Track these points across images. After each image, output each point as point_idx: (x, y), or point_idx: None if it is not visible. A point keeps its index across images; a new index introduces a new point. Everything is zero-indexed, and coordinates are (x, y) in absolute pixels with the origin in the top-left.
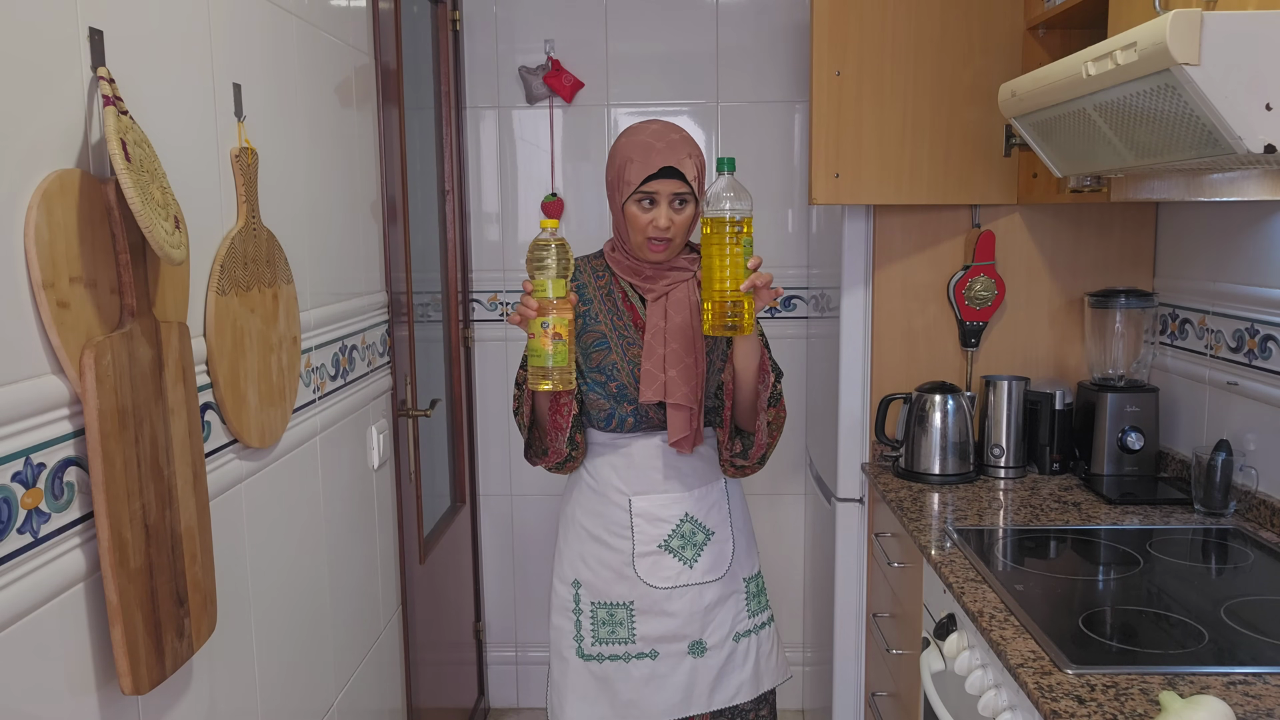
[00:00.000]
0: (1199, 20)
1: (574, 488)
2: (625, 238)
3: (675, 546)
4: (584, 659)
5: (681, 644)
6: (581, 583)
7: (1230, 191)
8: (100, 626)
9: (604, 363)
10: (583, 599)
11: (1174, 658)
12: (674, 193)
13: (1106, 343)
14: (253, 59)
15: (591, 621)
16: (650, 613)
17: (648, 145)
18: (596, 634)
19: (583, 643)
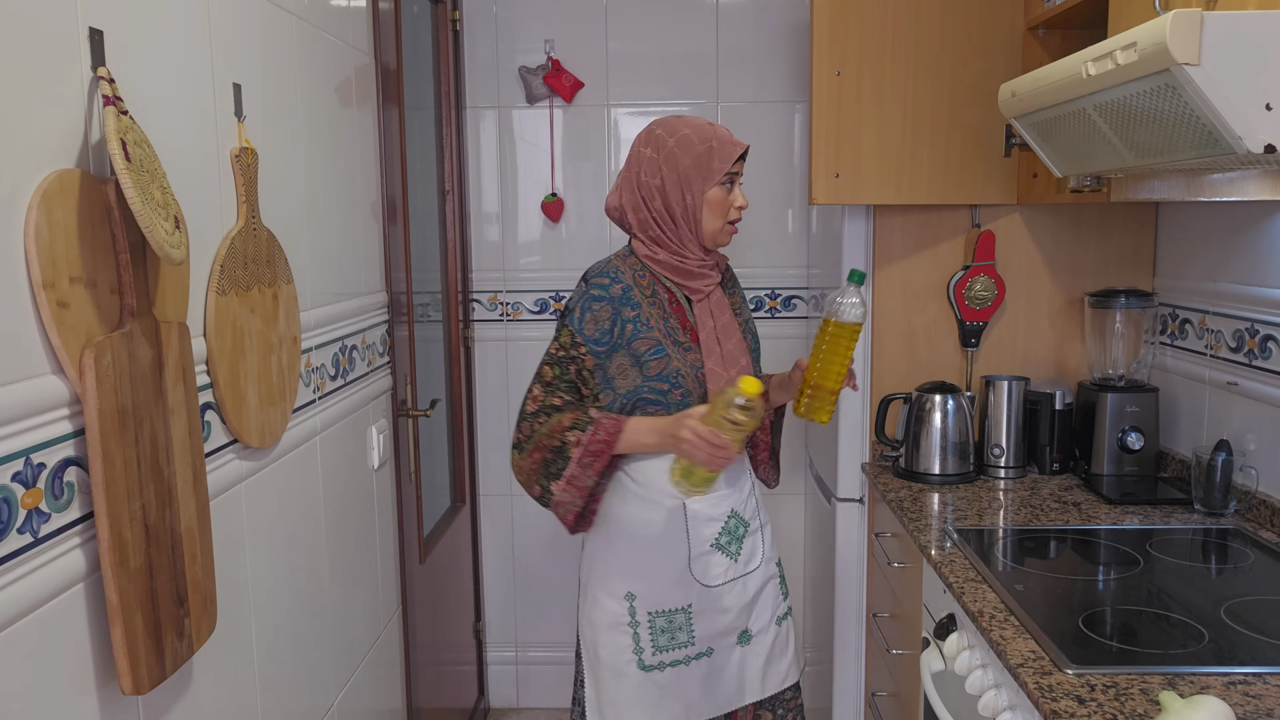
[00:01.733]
0: (1199, 20)
1: (617, 499)
2: (695, 230)
3: (723, 543)
4: (645, 670)
5: (732, 636)
6: (636, 594)
7: (1230, 191)
8: (100, 626)
9: (665, 370)
10: (638, 611)
11: (1174, 658)
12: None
13: (1106, 343)
14: (253, 59)
15: (650, 631)
16: (707, 612)
17: (713, 131)
18: (656, 643)
19: (643, 655)
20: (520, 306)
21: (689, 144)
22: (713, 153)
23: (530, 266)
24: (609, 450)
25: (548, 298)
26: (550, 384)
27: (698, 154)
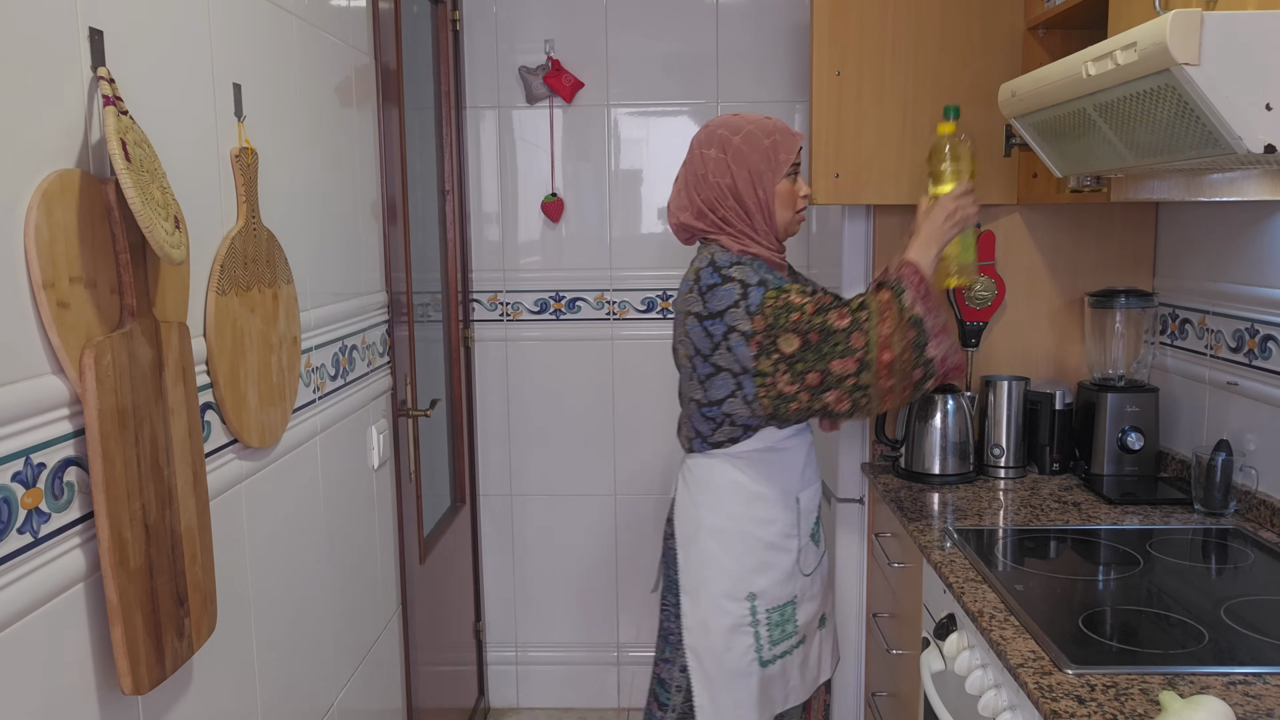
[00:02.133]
0: (1199, 20)
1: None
2: (769, 223)
3: (815, 533)
4: (764, 666)
5: (817, 620)
6: (758, 594)
7: (1230, 191)
8: (100, 626)
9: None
10: (759, 610)
11: (1174, 658)
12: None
13: (1106, 343)
14: (253, 59)
15: (768, 628)
16: (804, 600)
17: (773, 125)
18: (771, 637)
19: (762, 652)
20: (520, 306)
21: (754, 140)
22: (777, 146)
23: (530, 266)
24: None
25: (548, 298)
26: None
27: (764, 149)
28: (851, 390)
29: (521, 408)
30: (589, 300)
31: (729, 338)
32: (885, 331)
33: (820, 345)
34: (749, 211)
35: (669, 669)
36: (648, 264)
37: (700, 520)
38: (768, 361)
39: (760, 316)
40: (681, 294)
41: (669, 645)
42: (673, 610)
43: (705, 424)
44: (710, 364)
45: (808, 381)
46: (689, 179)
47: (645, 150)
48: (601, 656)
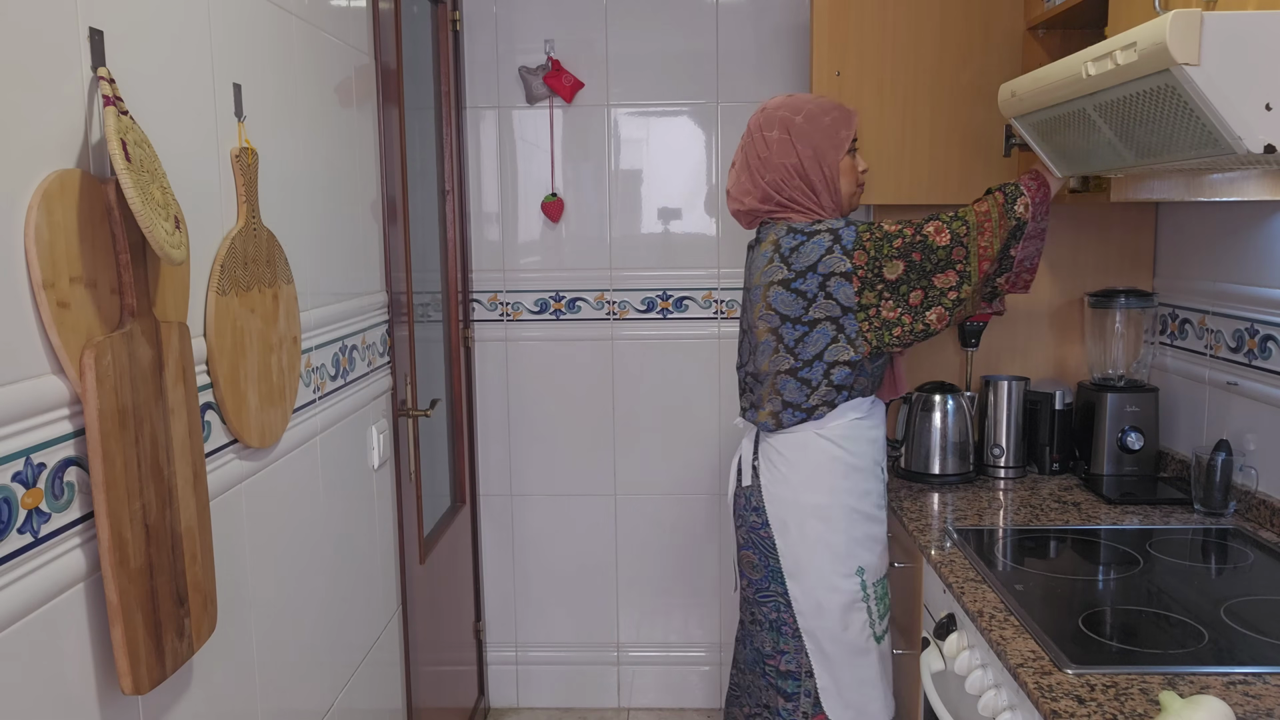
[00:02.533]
0: (1199, 20)
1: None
2: (835, 199)
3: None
4: (878, 641)
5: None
6: (865, 568)
7: (1230, 191)
8: (100, 626)
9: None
10: (868, 584)
11: (1174, 658)
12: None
13: (1106, 343)
14: (253, 59)
15: (875, 602)
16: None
17: (829, 102)
18: (879, 611)
19: (875, 627)
20: (520, 306)
21: (816, 118)
22: (838, 123)
23: (530, 266)
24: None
25: (548, 298)
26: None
27: (826, 126)
28: (952, 305)
29: (521, 408)
30: (589, 300)
31: (827, 285)
32: (984, 243)
33: (923, 264)
34: (815, 189)
35: (789, 659)
36: (648, 264)
37: (798, 500)
38: (871, 294)
39: (860, 251)
40: (758, 269)
41: (782, 636)
42: (779, 599)
43: (799, 390)
44: (803, 324)
45: (911, 301)
46: (750, 162)
47: (645, 150)
48: (601, 656)
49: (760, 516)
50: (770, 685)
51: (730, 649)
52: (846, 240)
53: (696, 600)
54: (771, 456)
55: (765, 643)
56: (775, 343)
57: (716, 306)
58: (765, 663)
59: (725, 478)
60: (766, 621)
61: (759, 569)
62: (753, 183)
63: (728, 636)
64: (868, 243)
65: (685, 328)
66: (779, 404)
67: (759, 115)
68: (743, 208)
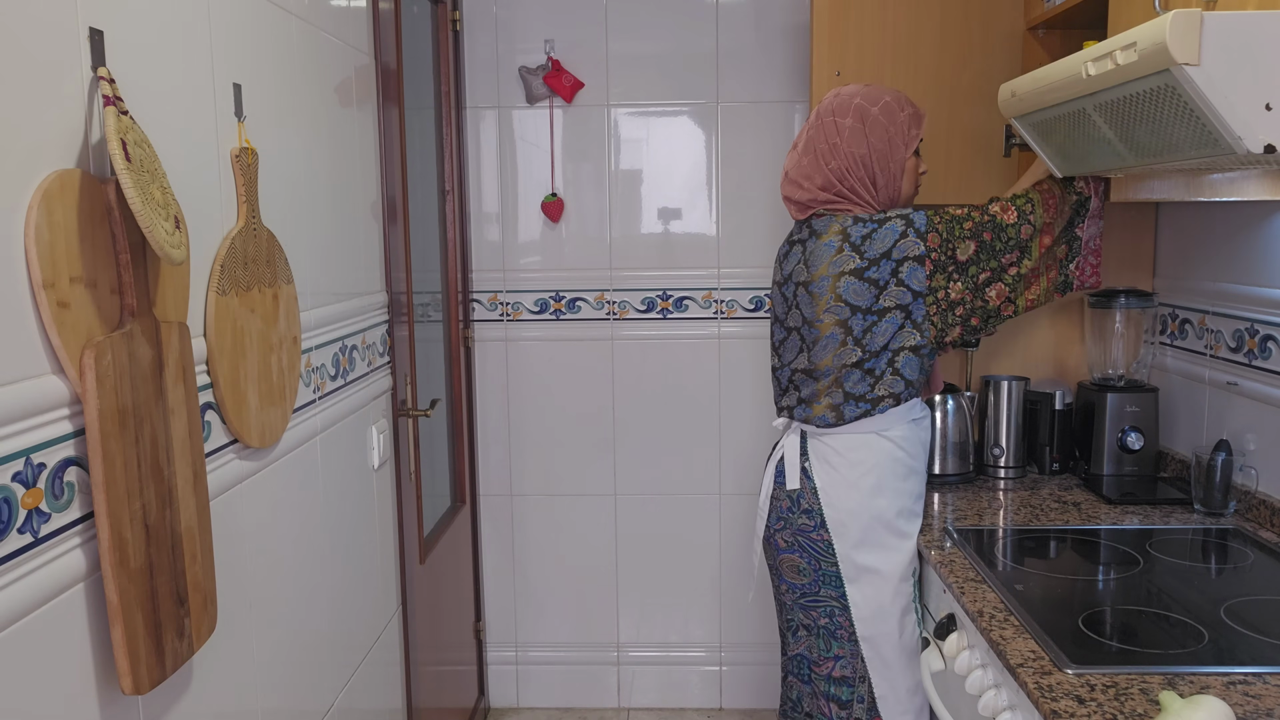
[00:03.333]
0: (1199, 20)
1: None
2: (893, 196)
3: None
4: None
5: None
6: (915, 570)
7: (1230, 191)
8: (100, 626)
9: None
10: (915, 587)
11: (1174, 658)
12: None
13: (1106, 343)
14: (253, 59)
15: (917, 604)
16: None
17: (904, 98)
18: (920, 615)
19: (922, 630)
20: (520, 306)
21: (892, 112)
22: (912, 120)
23: (530, 266)
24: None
25: (548, 298)
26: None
27: (900, 122)
28: (1012, 281)
29: (521, 408)
30: (589, 300)
31: (900, 270)
32: (1048, 217)
33: (994, 244)
34: (876, 184)
35: (844, 664)
36: (648, 264)
37: (864, 503)
38: (941, 276)
39: (934, 234)
40: (823, 260)
41: (837, 641)
42: (832, 604)
43: (863, 381)
44: (872, 314)
45: (979, 281)
46: (818, 147)
47: (645, 150)
48: (601, 656)
49: (813, 519)
50: (820, 693)
51: (730, 649)
52: (919, 224)
53: (696, 600)
54: (829, 458)
55: (813, 649)
56: (843, 335)
57: (716, 306)
58: (813, 670)
59: (725, 478)
60: (816, 627)
61: (806, 573)
62: (815, 167)
63: (728, 636)
64: (939, 225)
65: (685, 328)
66: (840, 396)
67: (832, 99)
68: (800, 193)
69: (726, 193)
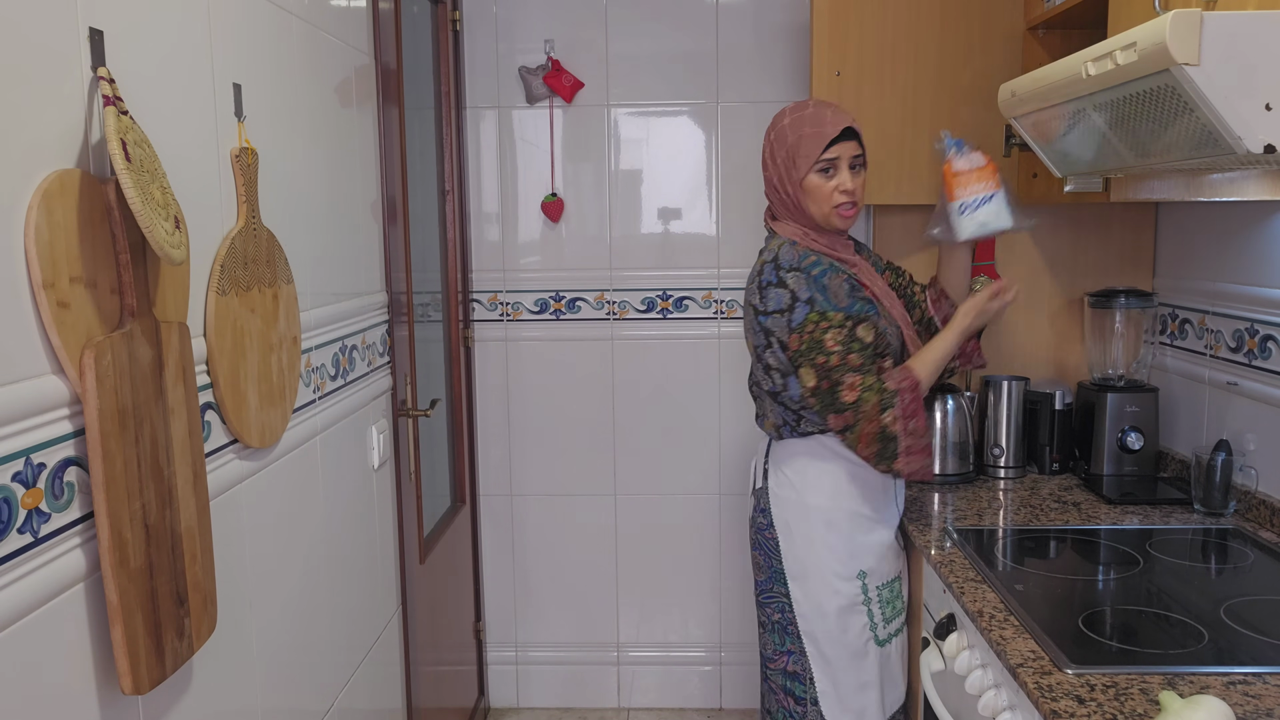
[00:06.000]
0: (1199, 20)
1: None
2: (807, 218)
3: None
4: (880, 645)
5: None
6: (868, 571)
7: (1230, 191)
8: (100, 626)
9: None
10: (869, 588)
11: (1174, 658)
12: (853, 156)
13: (1106, 343)
14: (253, 59)
15: (879, 605)
16: (904, 577)
17: (819, 115)
18: (885, 615)
19: (877, 630)
20: (520, 306)
21: (789, 131)
22: (807, 140)
23: (530, 266)
24: (921, 398)
25: (548, 298)
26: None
27: (791, 143)
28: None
29: (521, 408)
30: (589, 300)
31: (771, 340)
32: (868, 432)
33: (828, 395)
34: (787, 205)
35: (795, 660)
36: (648, 264)
37: (803, 503)
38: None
39: (797, 336)
40: (748, 284)
41: (789, 637)
42: (783, 600)
43: (787, 414)
44: (766, 359)
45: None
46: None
47: (645, 150)
48: (601, 656)
49: (766, 518)
50: (777, 688)
51: (730, 649)
52: (796, 318)
53: (696, 600)
54: (778, 459)
55: (768, 644)
56: (756, 360)
57: (716, 307)
58: (769, 665)
59: (725, 478)
60: (770, 623)
61: (764, 570)
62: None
63: (728, 636)
64: (806, 336)
65: (685, 328)
66: (777, 418)
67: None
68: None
69: (726, 193)
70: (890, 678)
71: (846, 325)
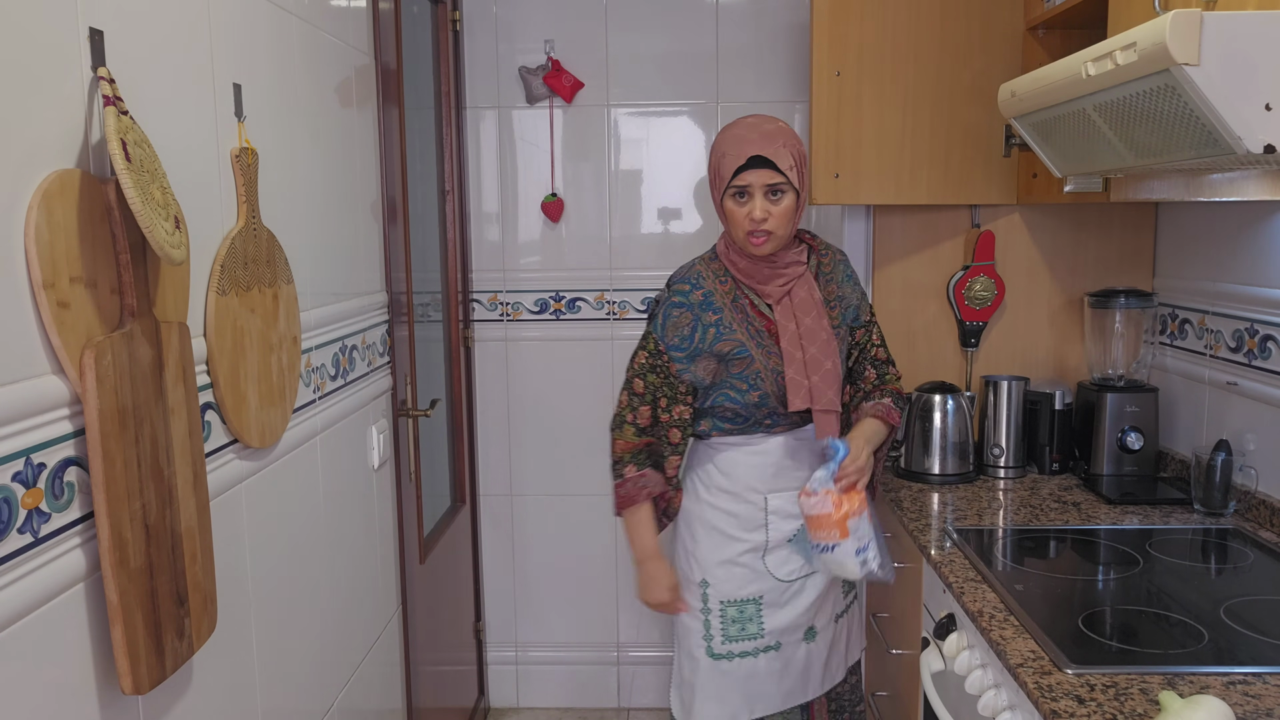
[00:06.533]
0: (1199, 20)
1: (701, 488)
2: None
3: (800, 539)
4: (714, 658)
5: (799, 632)
6: (710, 582)
7: (1230, 191)
8: (100, 626)
9: (747, 372)
10: (711, 599)
11: (1174, 658)
12: (767, 184)
13: (1106, 343)
14: (253, 59)
15: (721, 620)
16: (777, 605)
17: (740, 137)
18: (726, 632)
19: (712, 642)
20: (520, 306)
21: (716, 147)
22: (721, 162)
23: (530, 266)
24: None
25: (548, 298)
26: (638, 395)
27: (714, 160)
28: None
29: (521, 407)
30: (589, 300)
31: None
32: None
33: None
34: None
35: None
36: (648, 264)
37: (682, 504)
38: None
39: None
40: None
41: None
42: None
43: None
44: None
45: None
46: None
47: (645, 150)
48: (601, 656)
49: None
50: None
51: None
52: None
53: None
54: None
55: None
56: None
57: None
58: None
59: None
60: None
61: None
62: None
63: None
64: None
65: None
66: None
67: None
68: None
69: None
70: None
71: (653, 356)
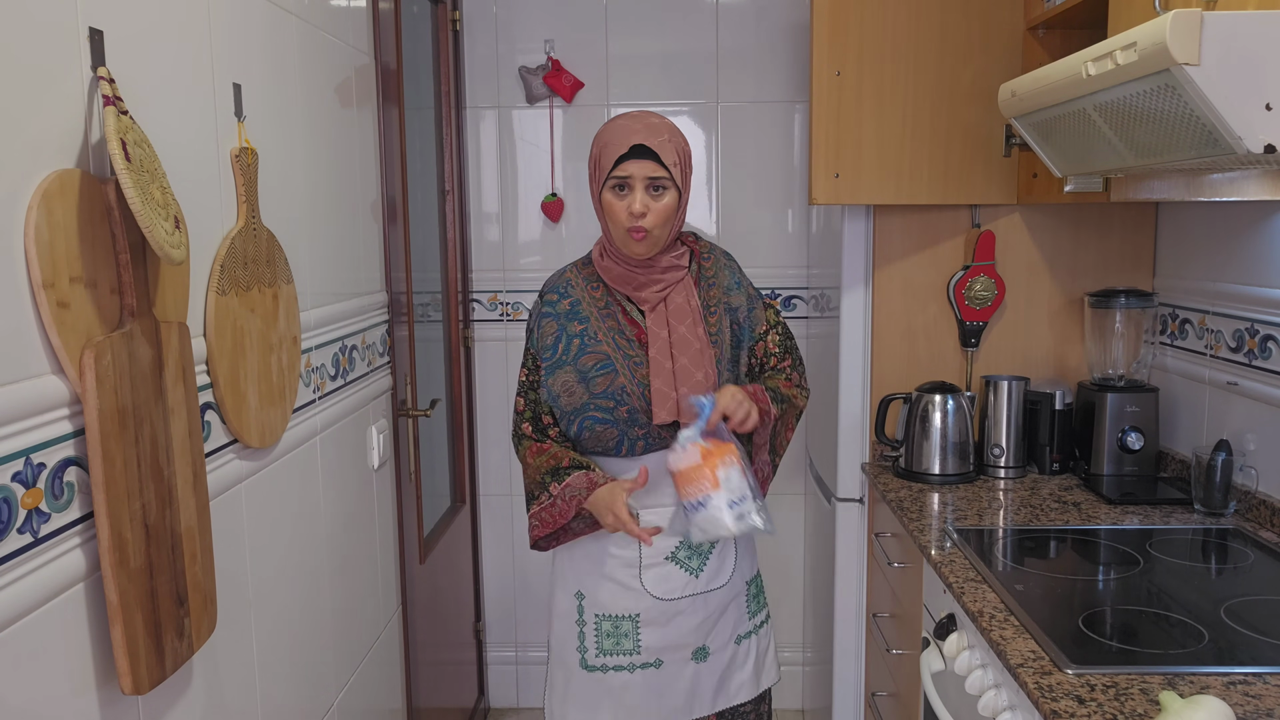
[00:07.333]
0: (1199, 20)
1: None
2: (609, 234)
3: (682, 558)
4: (588, 670)
5: (685, 651)
6: (584, 594)
7: (1230, 191)
8: (100, 626)
9: (611, 388)
10: (585, 610)
11: (1174, 658)
12: (649, 177)
13: (1106, 343)
14: (253, 59)
15: (595, 633)
16: (656, 624)
17: (624, 127)
18: (600, 645)
19: (586, 654)
20: (520, 306)
21: (597, 139)
22: (602, 152)
23: (530, 266)
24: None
25: None
26: (520, 414)
27: (595, 151)
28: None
29: None
30: None
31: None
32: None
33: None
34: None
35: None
36: None
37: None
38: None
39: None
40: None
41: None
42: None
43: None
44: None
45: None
46: None
47: None
48: None
49: None
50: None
51: None
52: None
53: None
54: None
55: None
56: None
57: None
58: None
59: None
60: None
61: None
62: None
63: None
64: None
65: None
66: None
67: None
68: None
69: (726, 193)
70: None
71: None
